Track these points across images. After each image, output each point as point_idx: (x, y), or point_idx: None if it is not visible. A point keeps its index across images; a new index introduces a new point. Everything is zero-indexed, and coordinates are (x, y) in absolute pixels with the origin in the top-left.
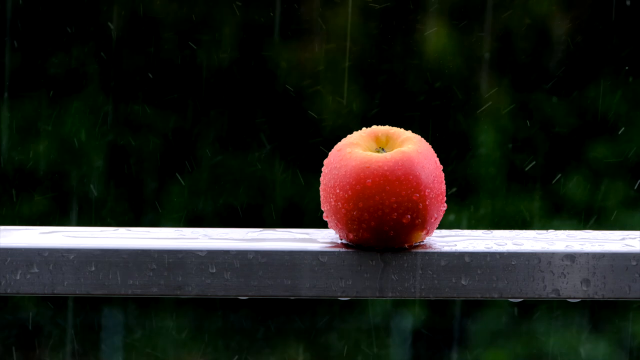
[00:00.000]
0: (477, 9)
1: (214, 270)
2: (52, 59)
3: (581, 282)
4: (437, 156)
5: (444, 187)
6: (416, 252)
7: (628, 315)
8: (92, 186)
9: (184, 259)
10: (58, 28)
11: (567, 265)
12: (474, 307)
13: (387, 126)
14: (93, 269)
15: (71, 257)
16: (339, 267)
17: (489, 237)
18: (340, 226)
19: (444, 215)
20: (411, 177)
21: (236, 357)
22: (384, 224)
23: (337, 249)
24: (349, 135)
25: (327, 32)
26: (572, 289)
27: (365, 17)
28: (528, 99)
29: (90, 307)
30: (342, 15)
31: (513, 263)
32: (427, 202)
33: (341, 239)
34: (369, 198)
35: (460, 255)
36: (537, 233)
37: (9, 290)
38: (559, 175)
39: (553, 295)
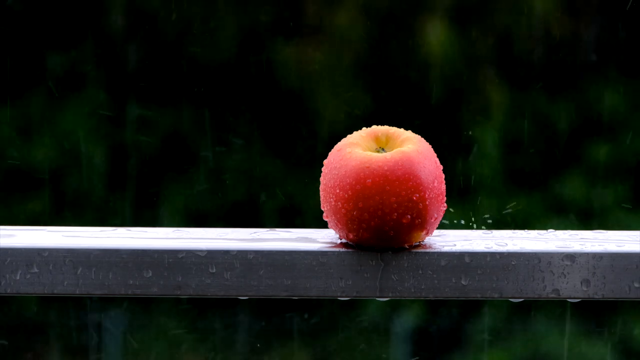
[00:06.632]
0: (477, 9)
1: (214, 270)
2: (51, 58)
3: (581, 282)
4: (437, 156)
5: (444, 187)
6: (416, 252)
7: (628, 315)
8: (92, 186)
9: (183, 259)
10: (58, 27)
11: (567, 265)
12: (473, 307)
13: (387, 126)
14: (93, 269)
15: (71, 257)
16: (339, 267)
17: (489, 237)
18: (340, 226)
19: (444, 215)
20: (411, 177)
21: (236, 357)
22: (384, 224)
23: (337, 249)
24: (349, 135)
25: (328, 32)
26: (572, 289)
27: (366, 17)
28: (528, 98)
29: (90, 307)
30: (343, 14)
31: (513, 263)
32: (427, 202)
33: (341, 239)
34: (369, 198)
35: (460, 255)
36: (537, 233)
37: (9, 290)
38: (559, 176)
39: (553, 295)
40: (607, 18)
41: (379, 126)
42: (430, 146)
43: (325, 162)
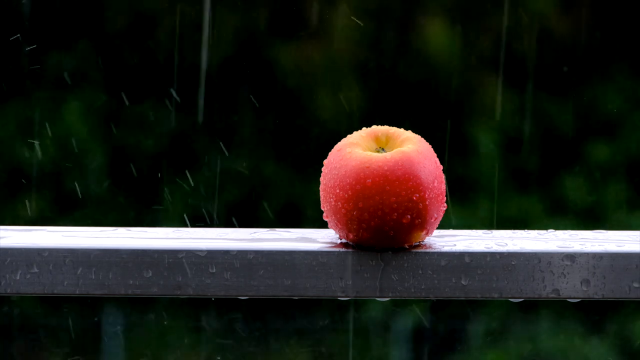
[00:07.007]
0: (477, 9)
1: (214, 270)
2: (51, 58)
3: (581, 282)
4: (437, 156)
5: (444, 187)
6: (416, 252)
7: (628, 315)
8: (92, 186)
9: (183, 259)
10: (58, 27)
11: (567, 265)
12: (474, 307)
13: (387, 126)
14: (93, 269)
15: (71, 257)
16: (339, 267)
17: (489, 237)
18: (340, 226)
19: (444, 215)
20: (411, 177)
21: (236, 357)
22: (384, 224)
23: (337, 249)
24: (348, 135)
25: (327, 32)
26: (572, 289)
27: (365, 17)
28: (528, 98)
29: (90, 307)
30: (342, 14)
31: (513, 263)
32: (427, 202)
33: (341, 239)
34: (369, 198)
35: (460, 255)
36: (537, 233)
37: (9, 290)
38: (559, 176)
39: (553, 295)
40: (606, 18)
41: (379, 126)
42: (430, 146)
43: (325, 162)
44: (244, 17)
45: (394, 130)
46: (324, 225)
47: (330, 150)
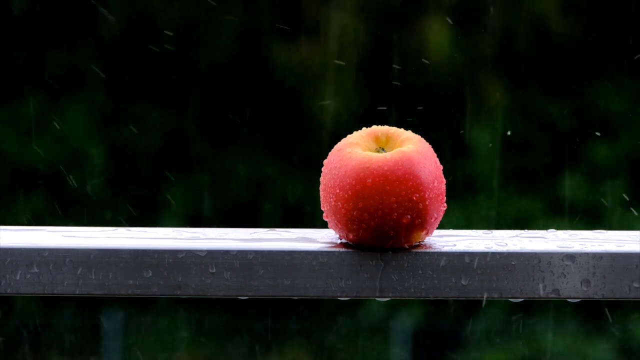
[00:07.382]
0: (477, 9)
1: (214, 270)
2: (51, 58)
3: (581, 282)
4: (437, 156)
5: (444, 187)
6: (416, 252)
7: (628, 315)
8: (92, 186)
9: (184, 259)
10: (58, 27)
11: (567, 265)
12: (473, 307)
13: (387, 126)
14: (93, 269)
15: (71, 257)
16: (339, 267)
17: (489, 237)
18: (340, 226)
19: (444, 215)
20: (411, 177)
21: (236, 357)
22: (384, 224)
23: (337, 249)
24: (348, 135)
25: (327, 32)
26: (572, 289)
27: (366, 17)
28: (528, 98)
29: (90, 307)
30: (342, 14)
31: (513, 263)
32: (427, 202)
33: (341, 239)
34: (369, 198)
35: (460, 255)
36: (537, 233)
37: (9, 290)
38: (559, 175)
39: (553, 296)
40: (606, 18)
41: (379, 126)
42: (430, 146)
43: (325, 162)
44: (244, 17)
45: (394, 130)
46: (324, 225)
47: (330, 150)
